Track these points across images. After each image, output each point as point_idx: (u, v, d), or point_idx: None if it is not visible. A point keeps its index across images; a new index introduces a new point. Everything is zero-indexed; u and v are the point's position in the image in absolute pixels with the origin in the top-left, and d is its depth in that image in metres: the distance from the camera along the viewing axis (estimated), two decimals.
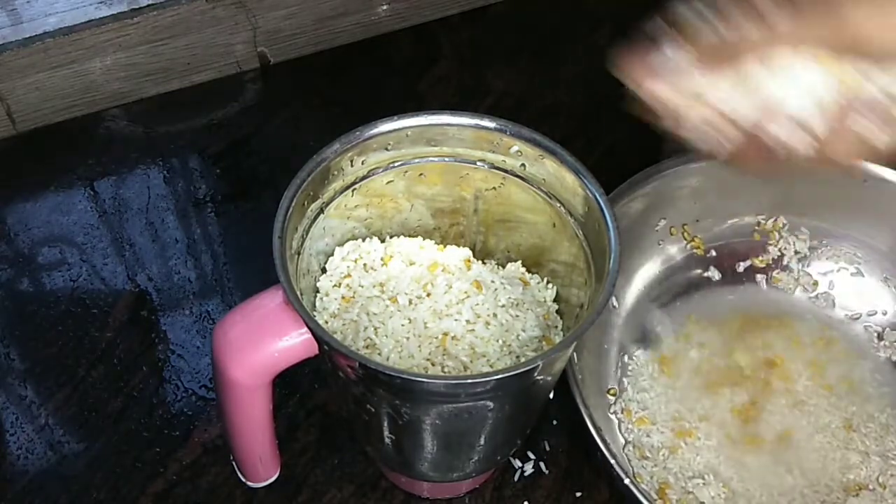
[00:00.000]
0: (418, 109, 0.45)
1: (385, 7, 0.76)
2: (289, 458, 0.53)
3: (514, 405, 0.43)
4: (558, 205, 0.46)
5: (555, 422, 0.55)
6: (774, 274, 0.59)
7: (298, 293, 0.40)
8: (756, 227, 0.59)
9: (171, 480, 0.53)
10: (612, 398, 0.54)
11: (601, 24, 0.80)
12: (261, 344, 0.40)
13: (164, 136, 0.71)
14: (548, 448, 0.54)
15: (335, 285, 0.46)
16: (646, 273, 0.58)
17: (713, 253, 0.59)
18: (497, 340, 0.45)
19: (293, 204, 0.42)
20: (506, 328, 0.45)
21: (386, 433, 0.44)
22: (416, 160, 0.47)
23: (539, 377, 0.41)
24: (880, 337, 0.58)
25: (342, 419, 0.55)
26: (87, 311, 0.60)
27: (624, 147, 0.70)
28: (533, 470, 0.54)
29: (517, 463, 0.54)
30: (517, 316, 0.45)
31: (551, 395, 0.48)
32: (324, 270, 0.47)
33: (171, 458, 0.54)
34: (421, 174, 0.47)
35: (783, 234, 0.59)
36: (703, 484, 0.50)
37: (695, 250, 0.59)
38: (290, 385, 0.56)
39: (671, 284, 0.58)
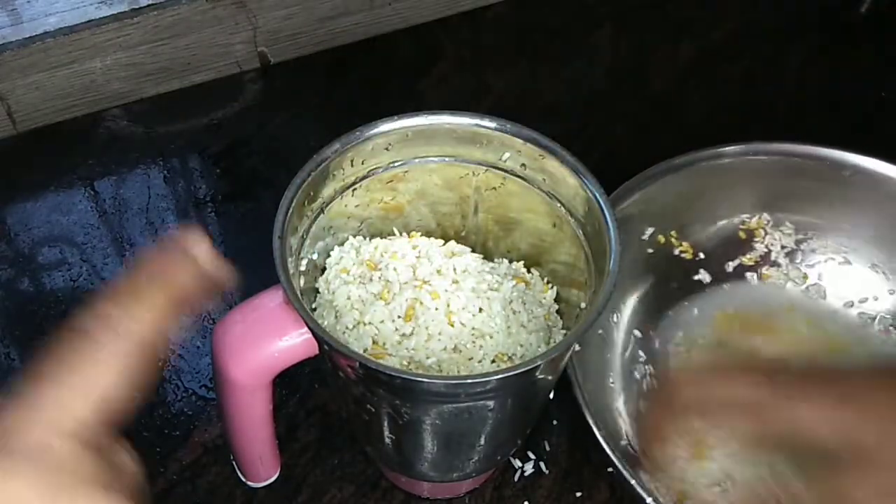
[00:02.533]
0: (418, 109, 0.45)
1: (385, 7, 0.76)
2: (289, 458, 0.53)
3: (514, 405, 0.43)
4: (558, 205, 0.46)
5: (555, 422, 0.55)
6: (763, 270, 0.60)
7: (298, 293, 0.40)
8: (741, 227, 0.60)
9: (171, 480, 0.53)
10: (620, 412, 0.54)
11: (601, 24, 0.80)
12: (261, 344, 0.40)
13: (164, 136, 0.71)
14: (548, 448, 0.54)
15: (335, 285, 0.46)
16: (639, 283, 0.58)
17: (701, 256, 0.60)
18: (497, 340, 0.45)
19: (293, 204, 0.42)
20: (506, 328, 0.45)
21: (386, 433, 0.44)
22: (416, 160, 0.47)
23: (539, 377, 0.41)
24: (875, 322, 0.58)
25: (342, 419, 0.55)
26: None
27: (624, 147, 0.70)
28: (533, 470, 0.54)
29: (517, 463, 0.54)
30: (517, 314, 0.45)
31: (551, 395, 0.48)
32: (324, 270, 0.47)
33: (171, 458, 0.54)
34: (421, 174, 0.47)
35: (768, 230, 0.60)
36: (721, 490, 0.50)
37: (683, 255, 0.59)
38: (290, 385, 0.56)
39: (664, 291, 0.59)
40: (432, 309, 0.45)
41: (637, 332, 0.57)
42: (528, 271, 0.49)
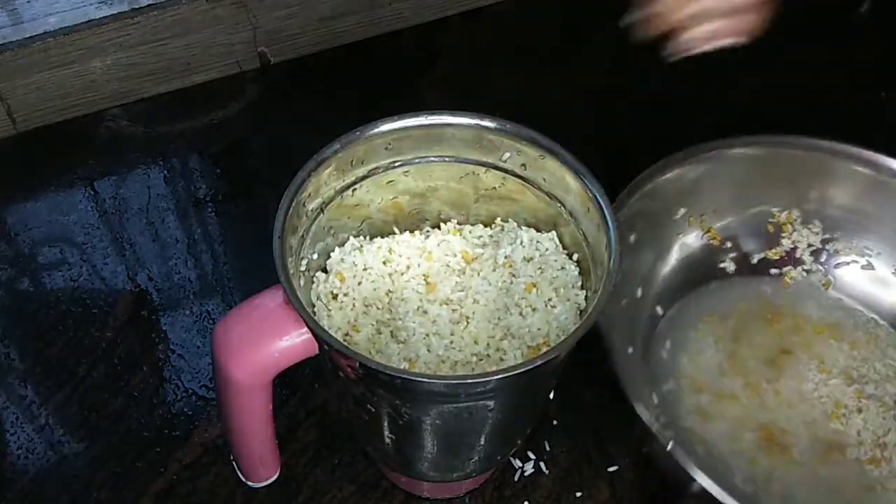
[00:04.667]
0: (418, 109, 0.45)
1: (385, 7, 0.76)
2: (289, 458, 0.53)
3: (514, 405, 0.43)
4: (558, 205, 0.46)
5: (555, 422, 0.55)
6: (787, 266, 0.60)
7: (298, 293, 0.40)
8: (770, 220, 0.60)
9: (171, 480, 0.53)
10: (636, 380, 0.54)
11: (602, 25, 0.80)
12: (261, 344, 0.40)
13: (164, 136, 0.71)
14: (548, 448, 0.54)
15: (334, 284, 0.46)
16: (666, 262, 0.58)
17: (728, 244, 0.60)
18: (501, 337, 0.45)
19: (293, 203, 0.42)
20: (503, 326, 0.45)
21: (386, 433, 0.44)
22: (417, 160, 0.47)
23: (539, 378, 0.41)
24: (893, 327, 0.58)
25: (342, 419, 0.55)
26: (87, 311, 0.60)
27: (624, 147, 0.70)
28: (533, 470, 0.54)
29: (517, 463, 0.54)
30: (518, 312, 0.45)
31: (551, 395, 0.48)
32: (324, 270, 0.47)
33: (172, 458, 0.54)
34: (421, 174, 0.47)
35: (796, 226, 0.60)
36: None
37: (711, 241, 0.59)
38: (290, 385, 0.56)
39: (689, 274, 0.59)
40: (432, 306, 0.45)
41: (659, 309, 0.57)
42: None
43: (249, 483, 0.50)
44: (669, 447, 0.45)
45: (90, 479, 0.53)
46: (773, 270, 0.60)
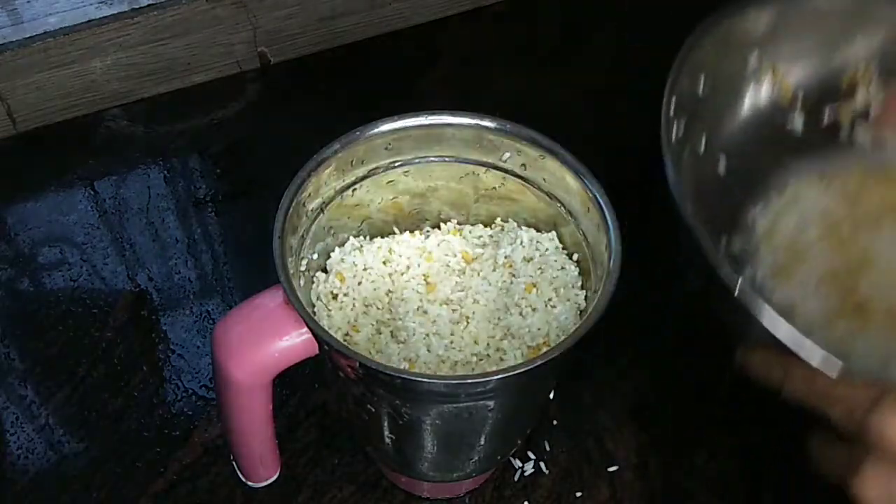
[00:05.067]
0: (418, 109, 0.45)
1: (385, 7, 0.76)
2: (289, 458, 0.53)
3: (514, 405, 0.43)
4: (558, 205, 0.46)
5: (555, 422, 0.55)
6: (858, 127, 0.55)
7: (298, 293, 0.40)
8: (846, 74, 0.55)
9: (171, 480, 0.53)
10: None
11: (602, 24, 0.80)
12: (261, 344, 0.40)
13: (164, 136, 0.71)
14: (548, 448, 0.54)
15: (334, 284, 0.47)
16: (732, 118, 0.54)
17: (799, 99, 0.54)
18: (501, 337, 0.45)
19: (293, 203, 0.42)
20: (504, 325, 0.45)
21: (386, 433, 0.44)
22: (417, 160, 0.47)
23: (539, 378, 0.41)
24: None
25: (342, 419, 0.55)
26: (87, 311, 0.60)
27: (625, 147, 0.70)
28: (533, 470, 0.54)
29: (517, 463, 0.54)
30: (519, 313, 0.45)
31: (551, 395, 0.48)
32: (324, 270, 0.47)
33: (172, 458, 0.54)
34: (421, 174, 0.47)
35: (872, 85, 0.54)
36: None
37: (782, 95, 0.54)
38: (290, 385, 0.56)
39: (757, 131, 0.54)
40: (432, 306, 0.45)
41: (722, 166, 0.53)
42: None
43: (249, 483, 0.50)
44: (738, 287, 0.38)
45: (90, 479, 0.53)
46: (843, 131, 0.55)
